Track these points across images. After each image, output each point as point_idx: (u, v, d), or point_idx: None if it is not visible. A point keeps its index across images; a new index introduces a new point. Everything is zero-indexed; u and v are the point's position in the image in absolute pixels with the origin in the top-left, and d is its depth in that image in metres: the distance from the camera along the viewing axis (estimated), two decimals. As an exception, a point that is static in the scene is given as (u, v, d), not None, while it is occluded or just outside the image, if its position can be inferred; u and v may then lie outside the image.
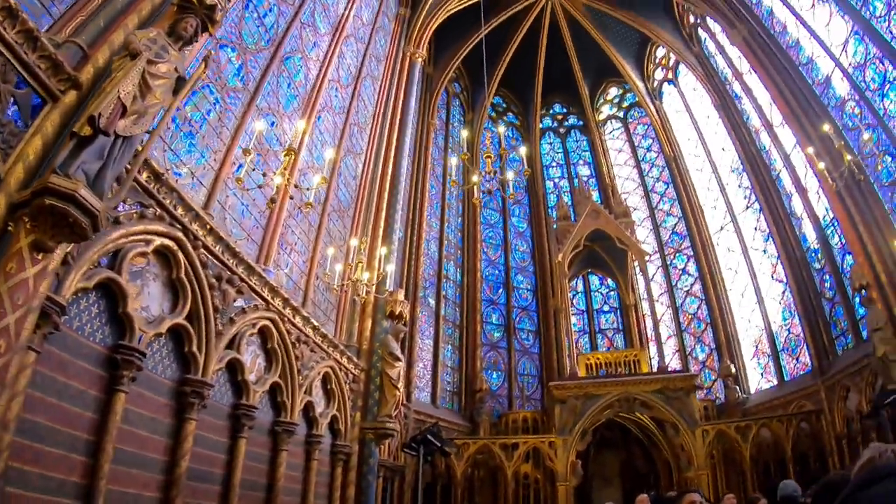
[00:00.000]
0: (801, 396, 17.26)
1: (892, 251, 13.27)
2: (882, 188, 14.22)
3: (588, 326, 24.95)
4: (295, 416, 11.31)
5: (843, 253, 16.46)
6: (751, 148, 20.95)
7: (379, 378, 14.30)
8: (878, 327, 12.94)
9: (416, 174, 22.05)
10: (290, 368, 11.32)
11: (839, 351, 16.57)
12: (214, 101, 11.01)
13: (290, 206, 13.46)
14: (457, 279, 23.67)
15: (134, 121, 6.11)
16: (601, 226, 20.43)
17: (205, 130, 10.58)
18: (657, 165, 27.03)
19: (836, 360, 16.42)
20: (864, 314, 14.75)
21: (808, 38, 16.93)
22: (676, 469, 19.34)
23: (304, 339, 12.03)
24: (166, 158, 9.28)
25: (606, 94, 29.82)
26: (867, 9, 14.40)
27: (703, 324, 22.66)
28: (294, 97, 14.43)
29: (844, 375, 15.31)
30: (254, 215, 11.93)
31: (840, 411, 15.38)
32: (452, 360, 22.01)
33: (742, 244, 21.63)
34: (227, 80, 11.50)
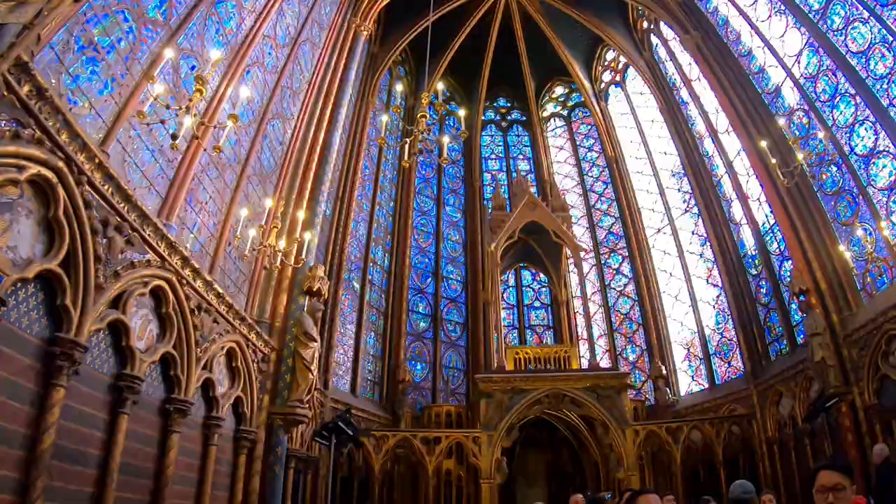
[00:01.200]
0: (732, 400, 17.35)
1: (832, 258, 13.56)
2: (825, 197, 14.54)
3: (518, 321, 24.43)
4: (190, 393, 9.98)
5: (780, 260, 16.75)
6: (694, 153, 21.08)
7: (291, 359, 13.06)
8: (816, 332, 13.03)
9: (350, 151, 20.85)
10: (188, 339, 10.00)
11: (773, 356, 16.78)
12: (128, 29, 9.56)
13: (205, 161, 12.18)
14: (385, 265, 22.63)
15: (10, 6, 4.84)
16: (537, 218, 19.84)
17: (112, 59, 9.13)
18: (598, 165, 26.88)
19: (769, 366, 16.64)
20: (800, 320, 15.17)
21: (761, 47, 17.14)
22: (605, 470, 18.99)
23: (206, 308, 10.72)
24: (62, 81, 7.86)
25: (552, 93, 29.50)
26: (824, 22, 14.58)
27: (634, 324, 22.56)
28: (222, 45, 13.03)
29: (778, 380, 15.48)
30: (160, 164, 10.54)
31: (772, 416, 15.52)
32: (375, 348, 20.94)
33: (678, 247, 21.74)
34: (147, 9, 10.08)
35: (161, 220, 9.71)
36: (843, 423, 12.38)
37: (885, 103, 12.66)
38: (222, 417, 11.03)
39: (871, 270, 12.89)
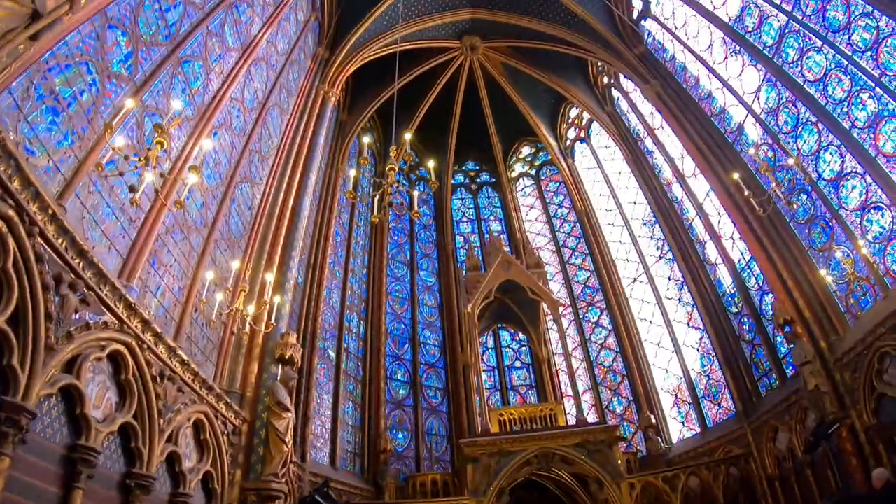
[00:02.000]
0: (726, 442, 16.70)
1: (813, 285, 13.49)
2: (798, 226, 14.61)
3: (499, 383, 23.66)
4: (153, 467, 9.10)
5: (760, 294, 16.60)
6: (663, 200, 21.22)
7: (264, 431, 12.20)
8: (806, 361, 12.73)
9: (321, 217, 20.55)
10: (150, 408, 9.20)
11: (763, 392, 16.38)
12: (91, 81, 9.28)
13: (169, 223, 11.72)
14: (360, 332, 21.91)
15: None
16: (513, 276, 19.51)
17: (73, 111, 8.79)
18: (569, 221, 26.93)
19: (760, 402, 16.18)
20: (786, 352, 15.04)
21: (720, 89, 17.62)
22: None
23: (170, 376, 9.97)
24: (19, 129, 7.45)
25: (519, 153, 29.92)
26: (779, 56, 15.02)
27: (619, 376, 22.00)
28: (188, 104, 12.88)
29: (771, 416, 14.99)
30: (121, 222, 10.02)
31: (770, 452, 14.96)
32: (354, 418, 19.92)
33: (656, 294, 21.54)
34: (111, 63, 9.85)
35: (121, 282, 9.13)
36: (846, 448, 11.91)
37: (847, 126, 12.86)
38: (190, 494, 10.09)
39: (854, 291, 12.74)
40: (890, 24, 11.58)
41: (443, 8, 23.60)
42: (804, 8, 14.02)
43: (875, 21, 11.96)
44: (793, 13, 14.39)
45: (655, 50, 20.80)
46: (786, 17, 14.67)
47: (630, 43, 21.18)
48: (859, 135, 12.57)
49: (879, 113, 12.03)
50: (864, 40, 12.33)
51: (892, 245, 12.02)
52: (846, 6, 12.73)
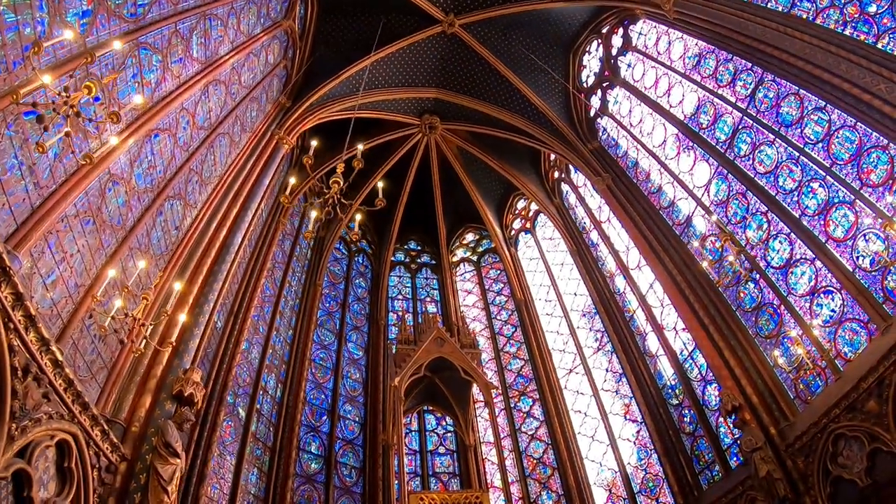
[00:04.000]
0: None
1: (761, 372, 12.97)
2: (745, 314, 14.16)
3: (420, 469, 20.79)
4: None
5: (703, 384, 15.65)
6: (605, 291, 20.40)
7: (145, 475, 9.43)
8: (756, 447, 11.95)
9: (253, 267, 18.27)
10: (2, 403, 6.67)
11: (705, 486, 14.97)
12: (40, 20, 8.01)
13: (81, 206, 9.57)
14: (276, 395, 18.99)
15: None
16: (446, 354, 17.59)
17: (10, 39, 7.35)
18: (506, 309, 25.51)
19: (703, 495, 14.78)
20: (731, 443, 14.21)
21: (671, 183, 17.56)
22: None
23: (37, 375, 7.50)
24: None
25: (463, 238, 28.87)
26: (731, 151, 15.07)
27: (549, 468, 19.74)
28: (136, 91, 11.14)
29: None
30: (26, 183, 8.10)
31: None
32: (258, 487, 16.57)
33: (592, 386, 20.07)
34: (67, 11, 8.69)
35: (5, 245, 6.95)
36: None
37: (797, 214, 12.81)
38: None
39: (803, 377, 12.28)
40: (842, 117, 11.77)
41: (409, 83, 23.13)
42: (758, 105, 14.22)
43: (827, 115, 12.17)
44: (747, 110, 14.55)
45: (609, 146, 20.82)
46: (740, 114, 14.82)
47: (585, 138, 21.18)
48: (809, 222, 12.52)
49: (830, 200, 12.05)
50: (815, 133, 12.48)
51: (842, 327, 11.65)
52: (799, 102, 12.97)
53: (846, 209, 11.65)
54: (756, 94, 14.26)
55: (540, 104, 21.63)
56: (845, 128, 11.74)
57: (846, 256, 11.56)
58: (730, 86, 15.22)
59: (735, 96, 15.02)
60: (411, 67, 22.89)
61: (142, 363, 10.78)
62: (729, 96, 15.23)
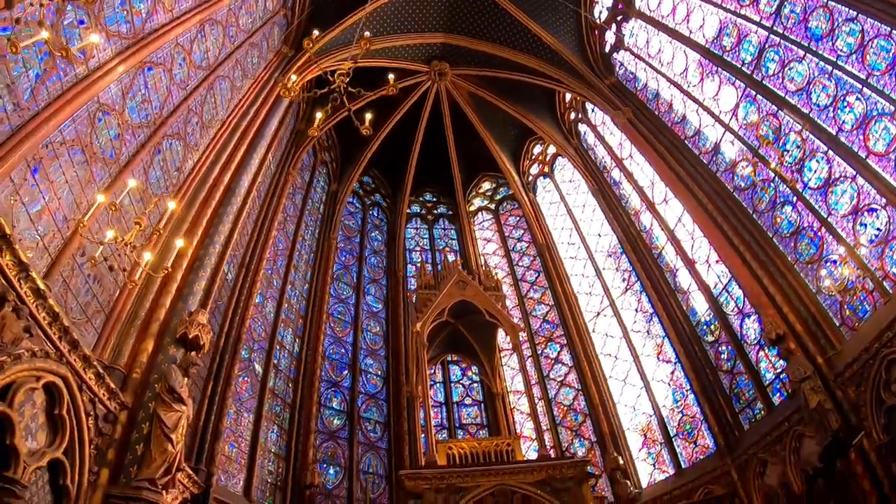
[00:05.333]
0: (706, 482, 13.96)
1: (803, 299, 11.98)
2: (783, 240, 13.15)
3: (447, 421, 19.92)
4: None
5: (740, 318, 14.57)
6: (630, 229, 19.20)
7: (148, 425, 8.43)
8: (805, 376, 10.97)
9: (263, 218, 17.22)
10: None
11: (746, 425, 13.95)
12: None
13: (69, 135, 8.59)
14: (294, 351, 18.09)
15: None
16: (469, 297, 16.60)
17: None
18: (528, 255, 24.36)
19: (744, 436, 13.70)
20: (772, 378, 13.32)
21: (695, 111, 16.41)
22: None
23: (16, 305, 6.45)
24: None
25: (479, 188, 27.63)
26: (759, 72, 14.03)
27: (580, 415, 18.81)
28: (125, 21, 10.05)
29: (758, 449, 12.65)
30: (4, 102, 7.11)
31: (758, 490, 12.54)
32: (278, 445, 15.78)
33: (622, 327, 18.98)
34: None
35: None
36: (856, 472, 9.86)
37: (834, 130, 11.76)
38: (21, 482, 6.25)
39: (849, 302, 11.27)
40: (875, 27, 10.80)
41: (415, 29, 21.64)
42: (785, 21, 13.18)
43: (860, 25, 11.18)
44: (773, 27, 13.50)
45: (627, 80, 19.51)
46: (766, 33, 13.73)
47: (601, 74, 19.79)
48: (847, 138, 11.48)
49: (868, 113, 11.04)
50: (848, 45, 11.48)
51: (889, 247, 10.62)
52: (828, 14, 11.94)
53: (886, 121, 10.65)
54: (782, 11, 13.19)
55: (552, 43, 20.13)
56: (880, 37, 10.72)
57: (890, 171, 10.57)
58: (753, 5, 14.10)
59: (759, 15, 13.91)
60: (417, 12, 21.40)
61: (143, 306, 9.78)
62: (752, 15, 14.11)
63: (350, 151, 24.71)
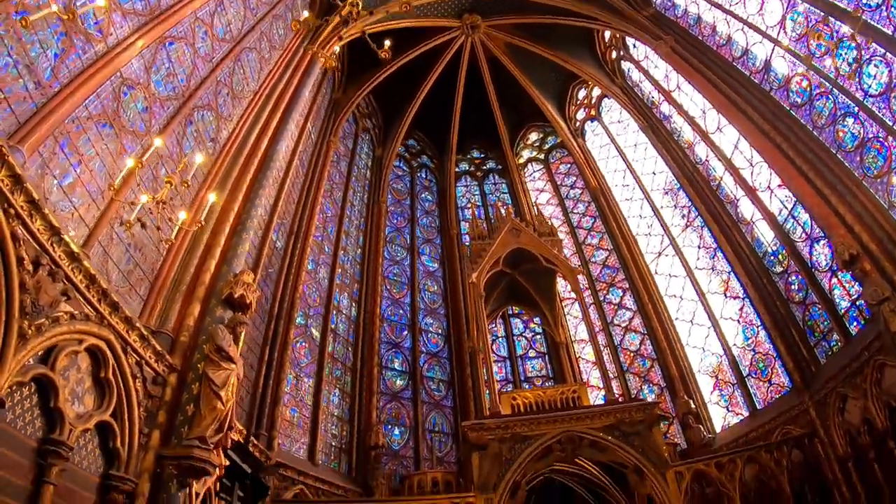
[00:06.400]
0: (784, 422, 13.12)
1: (875, 215, 11.01)
2: (847, 155, 12.07)
3: (511, 375, 19.77)
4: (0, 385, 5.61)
5: (809, 244, 13.61)
6: (685, 163, 18.15)
7: (198, 385, 8.50)
8: (883, 298, 10.08)
9: (308, 185, 17.39)
10: (9, 298, 5.84)
11: (822, 359, 13.04)
12: None
13: (95, 109, 8.77)
14: (351, 314, 18.31)
15: None
16: (523, 244, 16.14)
17: None
18: (582, 201, 23.61)
19: (821, 370, 12.82)
20: (848, 306, 12.42)
21: (740, 30, 15.26)
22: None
23: (52, 269, 6.62)
24: None
25: (527, 139, 26.84)
26: None
27: (648, 360, 18.16)
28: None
29: (837, 383, 11.75)
30: (24, 81, 7.33)
31: (839, 427, 11.68)
32: (341, 408, 16.09)
33: (685, 266, 18.08)
34: None
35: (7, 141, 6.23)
36: None
37: (890, 30, 10.65)
38: (69, 445, 6.47)
39: None
40: None
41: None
42: None
43: None
44: None
45: (666, 9, 18.21)
46: None
47: (638, 6, 18.48)
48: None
49: None
50: None
51: None
52: None
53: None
54: None
55: (585, -22, 19.03)
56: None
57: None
58: None
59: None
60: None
61: (187, 271, 9.96)
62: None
63: (391, 116, 24.56)
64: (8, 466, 5.75)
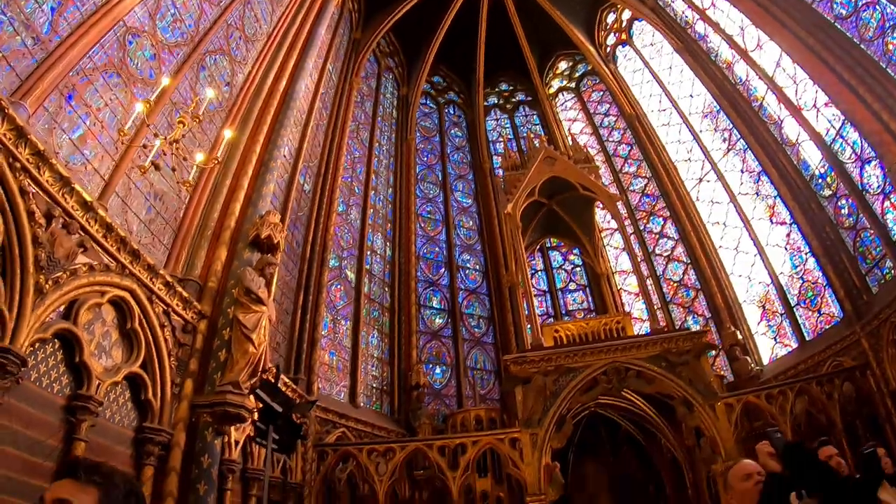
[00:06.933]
0: (834, 353, 12.43)
1: None
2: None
3: (552, 309, 19.51)
4: (22, 344, 5.60)
5: (859, 165, 12.61)
6: (725, 84, 16.88)
7: (228, 330, 8.46)
8: None
9: (333, 126, 17.02)
10: (23, 255, 5.77)
11: (874, 287, 12.26)
12: None
13: (100, 59, 8.54)
14: (386, 254, 18.23)
15: None
16: (559, 172, 15.50)
17: None
18: (617, 129, 22.49)
19: (874, 298, 12.04)
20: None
21: None
22: (689, 468, 13.88)
23: (66, 221, 6.51)
24: None
25: (556, 68, 25.49)
26: None
27: (692, 291, 17.52)
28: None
29: (891, 312, 10.97)
30: (22, 37, 7.10)
31: (892, 360, 10.89)
32: (380, 349, 16.21)
33: (728, 192, 17.12)
34: None
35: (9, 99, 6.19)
36: None
37: None
38: (98, 400, 6.52)
39: None
40: None
41: None
42: None
43: None
44: None
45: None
46: None
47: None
48: None
49: None
50: None
51: None
52: None
53: None
54: None
55: None
56: None
57: None
58: None
59: None
60: None
61: (211, 217, 9.87)
62: None
63: (413, 54, 23.66)
64: (36, 425, 5.80)
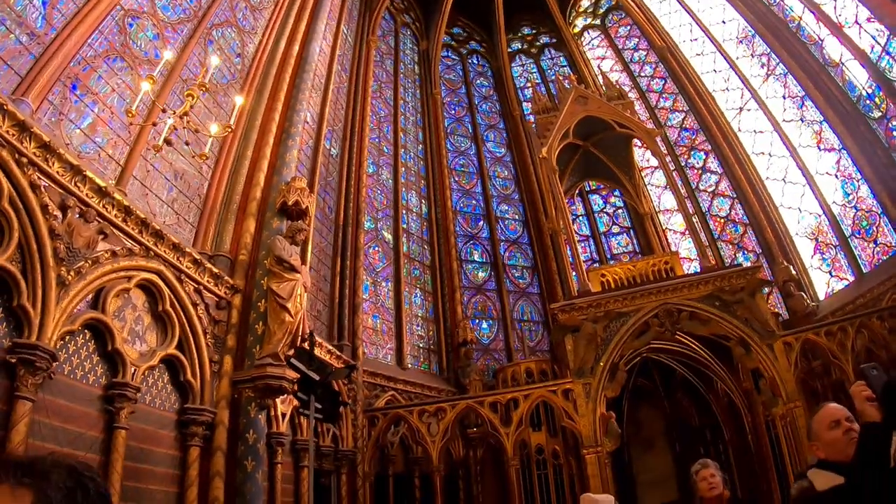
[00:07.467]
0: (894, 286, 11.31)
1: None
2: None
3: (597, 254, 18.85)
4: (51, 339, 5.57)
5: None
6: (758, 6, 15.50)
7: (263, 302, 8.37)
8: None
9: (355, 89, 16.57)
10: (40, 245, 5.72)
11: None
12: None
13: (101, 46, 8.32)
14: (422, 211, 17.91)
15: None
16: (592, 111, 14.72)
17: None
18: (649, 63, 21.11)
19: None
20: None
21: None
22: (748, 411, 13.36)
23: (82, 210, 6.42)
24: None
25: (579, 7, 23.97)
26: None
27: (740, 226, 16.49)
28: None
29: None
30: (16, 35, 6.96)
31: None
32: (424, 308, 16.04)
33: (771, 120, 15.84)
34: None
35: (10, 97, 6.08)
36: None
37: None
38: (135, 386, 6.50)
39: None
40: None
41: None
42: None
43: None
44: None
45: None
46: None
47: None
48: None
49: None
50: None
51: None
52: None
53: None
54: None
55: None
56: None
57: None
58: None
59: None
60: None
61: (236, 190, 9.73)
62: None
63: (429, 7, 22.63)
64: (75, 418, 5.81)
